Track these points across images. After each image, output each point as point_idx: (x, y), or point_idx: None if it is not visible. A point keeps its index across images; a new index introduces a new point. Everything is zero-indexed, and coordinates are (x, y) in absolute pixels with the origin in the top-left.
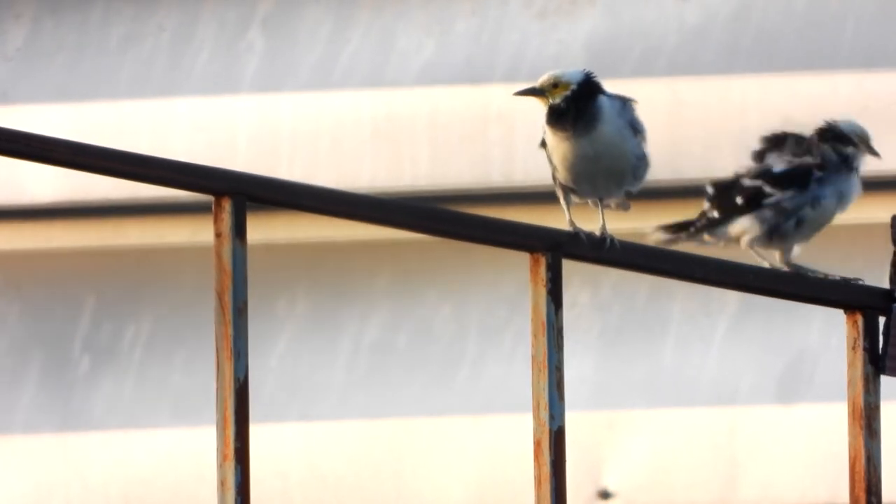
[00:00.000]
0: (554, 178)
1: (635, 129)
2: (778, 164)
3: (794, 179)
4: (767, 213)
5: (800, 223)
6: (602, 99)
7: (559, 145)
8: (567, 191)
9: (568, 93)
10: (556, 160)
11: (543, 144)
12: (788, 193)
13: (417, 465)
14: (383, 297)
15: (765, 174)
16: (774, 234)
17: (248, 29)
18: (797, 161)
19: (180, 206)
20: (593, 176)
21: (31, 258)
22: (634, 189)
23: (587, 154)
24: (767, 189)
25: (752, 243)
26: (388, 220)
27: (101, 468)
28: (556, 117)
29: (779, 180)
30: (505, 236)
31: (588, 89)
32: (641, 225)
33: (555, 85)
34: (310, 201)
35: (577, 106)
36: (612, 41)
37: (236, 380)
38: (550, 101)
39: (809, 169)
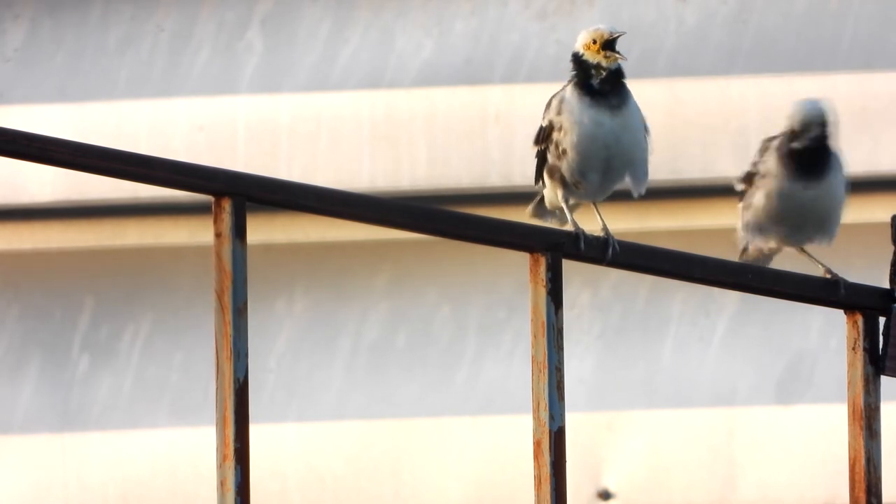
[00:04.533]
0: (554, 174)
1: (646, 127)
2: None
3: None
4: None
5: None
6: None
7: (593, 116)
8: (568, 189)
9: (616, 65)
10: (576, 136)
11: (542, 140)
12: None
13: (416, 466)
14: (382, 297)
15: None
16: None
17: (247, 29)
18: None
19: (179, 207)
20: (610, 157)
21: (30, 258)
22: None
23: (615, 128)
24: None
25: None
26: (386, 221)
27: (100, 468)
28: (600, 85)
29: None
30: (504, 236)
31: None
32: (641, 225)
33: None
34: (309, 201)
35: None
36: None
37: (236, 380)
38: (605, 63)
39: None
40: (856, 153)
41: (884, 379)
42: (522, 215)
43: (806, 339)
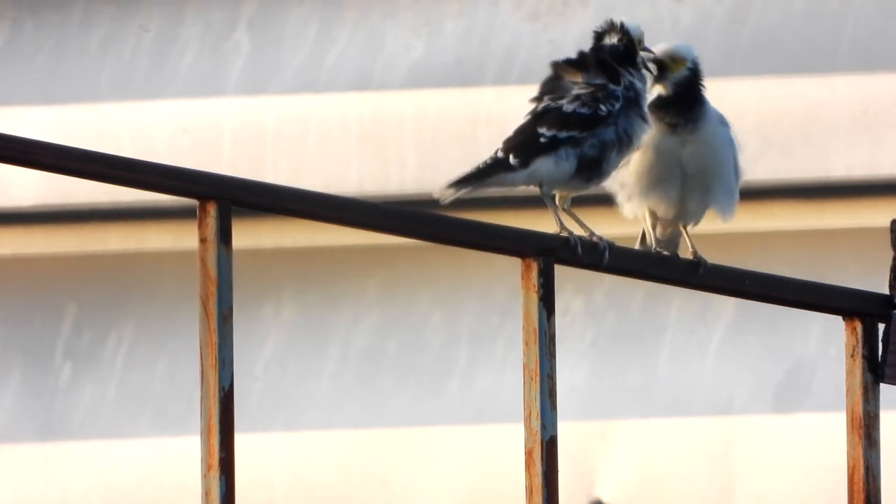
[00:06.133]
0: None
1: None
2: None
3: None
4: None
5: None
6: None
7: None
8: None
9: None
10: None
11: (521, 162)
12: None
13: (407, 476)
14: (372, 304)
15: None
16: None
17: (234, 30)
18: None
19: (164, 211)
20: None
21: (11, 263)
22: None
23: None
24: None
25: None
26: (376, 225)
27: (82, 478)
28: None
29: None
30: (496, 241)
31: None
32: (636, 230)
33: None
34: (296, 205)
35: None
36: None
37: (221, 388)
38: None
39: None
40: (855, 156)
41: (883, 387)
42: (515, 220)
43: (805, 347)
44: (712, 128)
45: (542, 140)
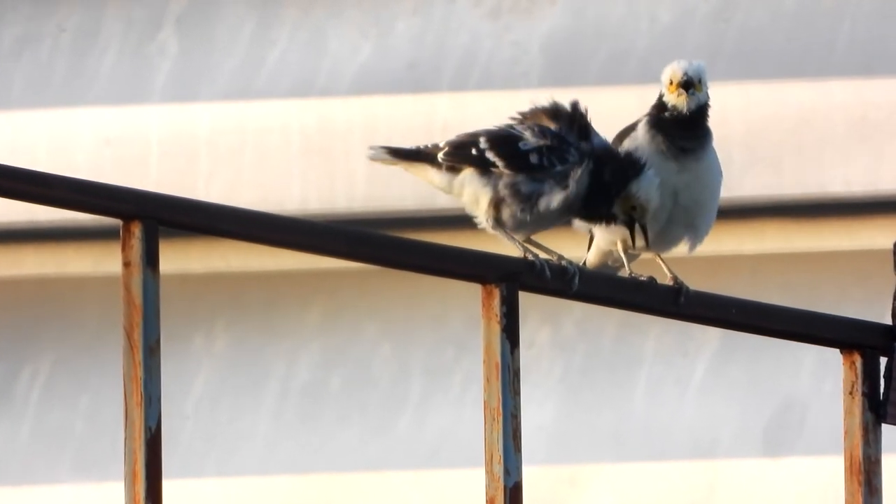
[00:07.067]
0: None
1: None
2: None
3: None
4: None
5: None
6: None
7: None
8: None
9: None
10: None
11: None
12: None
13: None
14: (314, 334)
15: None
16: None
17: (160, 29)
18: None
19: (84, 232)
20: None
21: None
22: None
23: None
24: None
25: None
26: (319, 247)
27: None
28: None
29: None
30: (453, 265)
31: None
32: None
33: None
34: (230, 225)
35: None
36: (574, 43)
37: (147, 428)
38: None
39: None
40: (854, 169)
41: (885, 428)
42: (474, 241)
43: (796, 382)
44: (712, 158)
45: (473, 151)
